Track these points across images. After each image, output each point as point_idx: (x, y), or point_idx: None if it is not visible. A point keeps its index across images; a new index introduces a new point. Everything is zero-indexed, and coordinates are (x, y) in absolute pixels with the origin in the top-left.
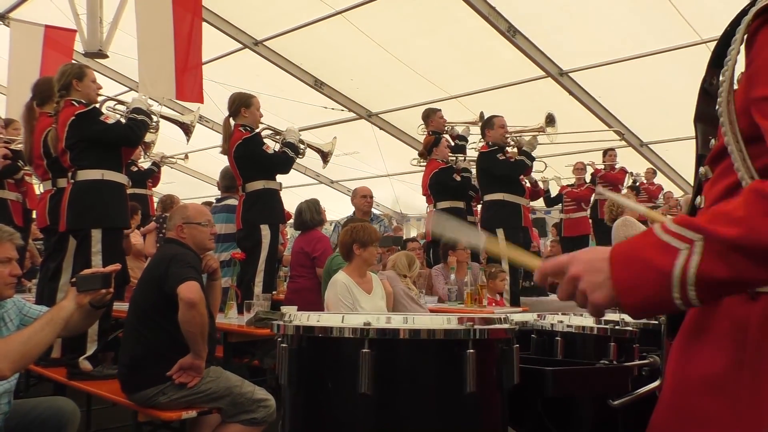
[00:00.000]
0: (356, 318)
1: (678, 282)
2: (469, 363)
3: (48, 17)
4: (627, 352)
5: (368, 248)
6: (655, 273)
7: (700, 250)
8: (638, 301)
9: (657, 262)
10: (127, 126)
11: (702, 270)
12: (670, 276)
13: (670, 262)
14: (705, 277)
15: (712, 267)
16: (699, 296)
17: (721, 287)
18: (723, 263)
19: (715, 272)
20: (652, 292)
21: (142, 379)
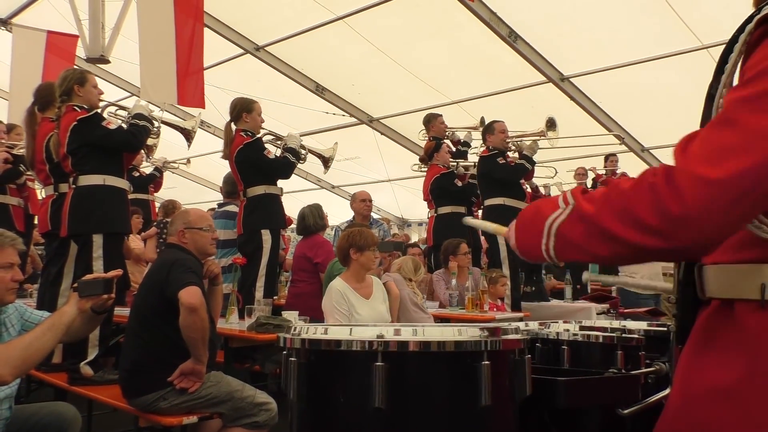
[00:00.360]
0: (366, 330)
1: (547, 230)
2: (483, 375)
3: (50, 23)
4: (634, 360)
5: (365, 253)
6: (539, 219)
7: (568, 212)
8: (522, 239)
9: (543, 209)
10: (128, 132)
11: (562, 226)
12: (544, 223)
13: (549, 212)
14: (563, 233)
15: (569, 228)
16: (556, 248)
17: (572, 248)
18: (576, 228)
19: (569, 233)
20: (533, 235)
21: (143, 384)
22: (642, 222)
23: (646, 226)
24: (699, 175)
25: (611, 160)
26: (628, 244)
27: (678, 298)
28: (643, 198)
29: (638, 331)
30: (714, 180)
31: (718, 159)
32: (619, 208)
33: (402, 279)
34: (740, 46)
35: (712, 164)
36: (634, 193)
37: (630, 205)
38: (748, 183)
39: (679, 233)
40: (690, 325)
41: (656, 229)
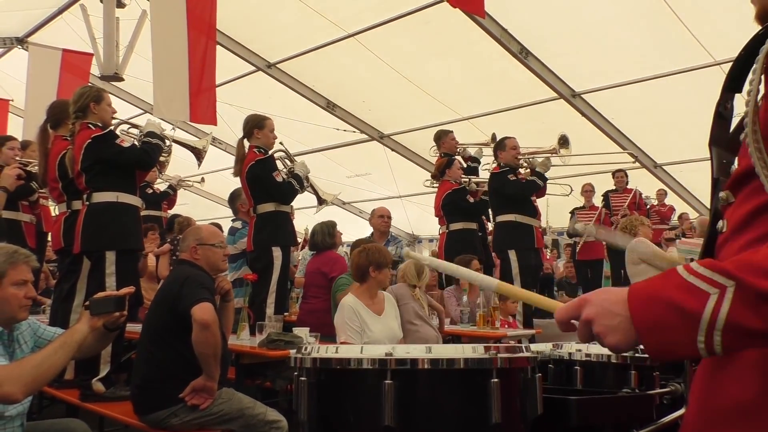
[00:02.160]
0: (376, 349)
1: (706, 326)
2: (493, 393)
3: (65, 41)
4: (648, 380)
5: (383, 270)
6: (682, 315)
7: (731, 297)
8: (661, 342)
9: (684, 304)
10: (142, 150)
11: (732, 317)
12: (699, 319)
13: (699, 305)
14: (734, 324)
15: (743, 315)
16: (724, 343)
17: (748, 337)
18: (754, 313)
19: (746, 321)
20: (677, 334)
21: (154, 400)
22: None
23: None
24: None
25: (619, 176)
26: None
27: None
28: None
29: None
30: None
31: None
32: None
33: (406, 289)
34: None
35: None
36: None
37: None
38: None
39: None
40: None
41: None
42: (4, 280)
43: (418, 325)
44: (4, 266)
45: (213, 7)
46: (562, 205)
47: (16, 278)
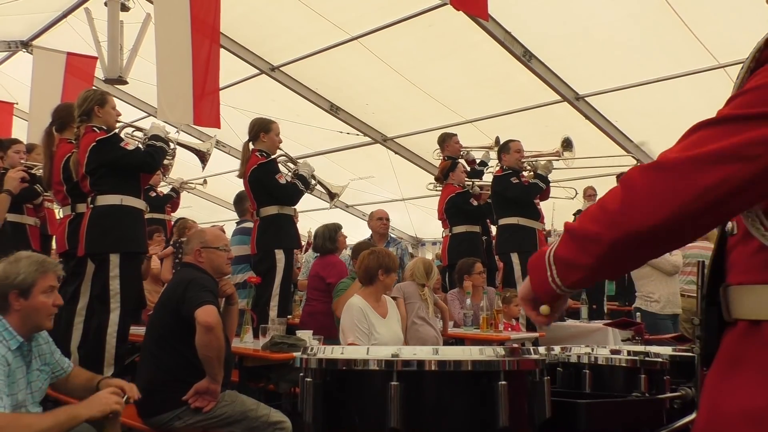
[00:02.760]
0: (381, 350)
1: (547, 262)
2: (500, 395)
3: (70, 44)
4: (658, 385)
5: (391, 275)
6: (540, 254)
7: (559, 239)
8: (535, 281)
9: (543, 249)
10: (146, 153)
11: (556, 252)
12: (544, 256)
13: (548, 247)
14: (557, 257)
15: (561, 250)
16: (559, 275)
17: (568, 268)
18: (566, 247)
19: (561, 253)
20: (540, 271)
21: (158, 403)
22: (607, 210)
23: (608, 214)
24: (661, 162)
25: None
26: (597, 240)
27: (702, 320)
28: (614, 190)
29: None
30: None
31: (683, 150)
32: (594, 207)
33: (415, 288)
34: (749, 62)
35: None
36: (610, 190)
37: (602, 201)
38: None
39: (632, 216)
40: (715, 347)
41: (616, 214)
42: (34, 289)
43: (418, 324)
44: (35, 275)
45: (217, 10)
46: (567, 208)
47: (44, 286)
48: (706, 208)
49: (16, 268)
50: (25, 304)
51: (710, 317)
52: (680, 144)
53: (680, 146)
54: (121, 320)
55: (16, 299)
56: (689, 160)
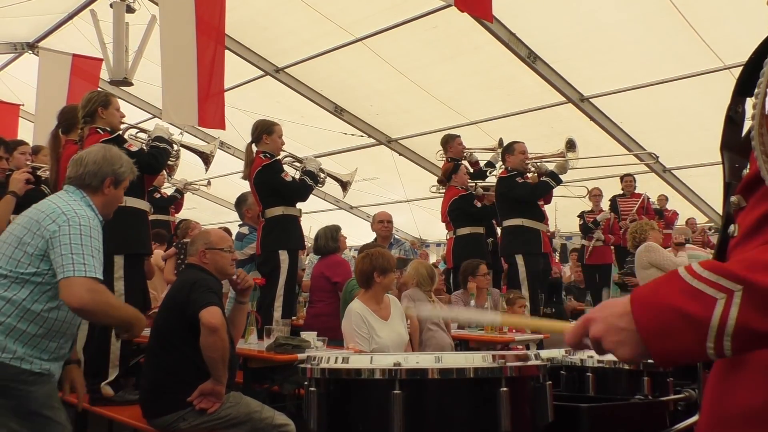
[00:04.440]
0: (385, 359)
1: (715, 333)
2: (502, 401)
3: (75, 46)
4: (661, 387)
5: (388, 275)
6: (689, 322)
7: (739, 301)
8: (669, 350)
9: (691, 310)
10: (150, 154)
11: (741, 321)
12: (707, 326)
13: (706, 312)
14: (744, 328)
15: (753, 318)
16: (734, 347)
17: (759, 339)
18: (763, 314)
19: (755, 323)
20: (685, 341)
21: (162, 404)
22: None
23: None
24: None
25: (627, 181)
26: None
27: None
28: None
29: None
30: None
31: None
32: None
33: (422, 295)
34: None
35: None
36: None
37: None
38: None
39: None
40: None
41: None
42: (123, 183)
43: (433, 330)
44: (129, 173)
45: (222, 12)
46: (570, 209)
47: (126, 185)
48: None
49: (120, 159)
50: (113, 193)
51: None
52: None
53: None
54: None
55: (108, 185)
56: None
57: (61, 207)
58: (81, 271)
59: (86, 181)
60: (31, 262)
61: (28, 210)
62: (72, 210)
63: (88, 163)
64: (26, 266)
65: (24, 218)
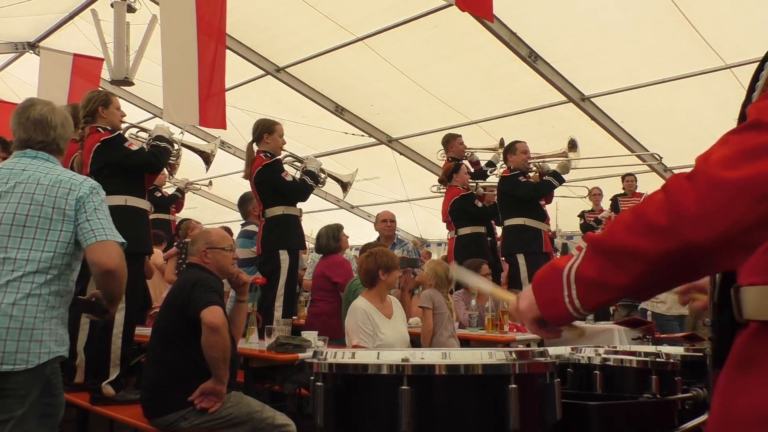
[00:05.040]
0: (392, 354)
1: (565, 281)
2: (511, 399)
3: (76, 46)
4: (669, 385)
5: (392, 273)
6: (555, 273)
7: (582, 254)
8: (544, 298)
9: (558, 263)
10: (150, 153)
11: (579, 270)
12: (561, 274)
13: (565, 262)
14: (581, 274)
15: (585, 267)
16: (579, 296)
17: (593, 288)
18: (592, 264)
19: (587, 272)
20: (553, 290)
21: (163, 404)
22: (651, 223)
23: (654, 226)
24: (714, 175)
25: (628, 180)
26: (640, 255)
27: (714, 321)
28: (655, 200)
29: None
30: (729, 179)
31: (737, 161)
32: (631, 219)
33: (441, 297)
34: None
35: (730, 166)
36: (648, 200)
37: (641, 212)
38: (765, 186)
39: (686, 229)
40: (727, 348)
41: (663, 227)
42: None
43: (453, 340)
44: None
45: (223, 12)
46: (571, 208)
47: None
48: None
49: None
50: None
51: (722, 319)
52: (720, 150)
53: (721, 153)
54: (127, 321)
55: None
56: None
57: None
58: (113, 236)
59: (59, 146)
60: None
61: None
62: (84, 179)
63: (56, 126)
64: (65, 247)
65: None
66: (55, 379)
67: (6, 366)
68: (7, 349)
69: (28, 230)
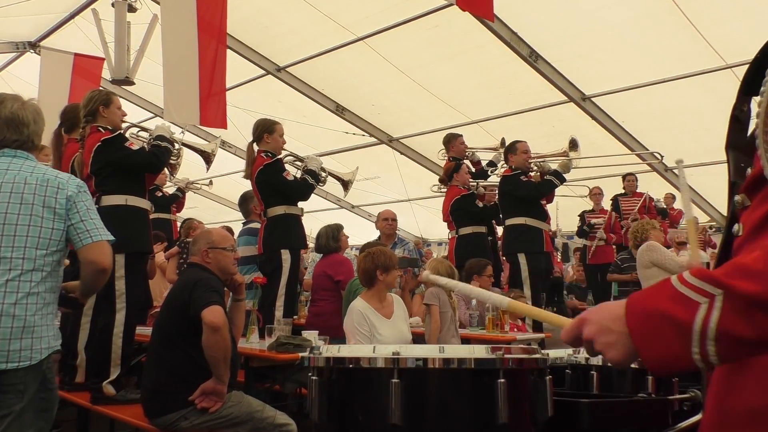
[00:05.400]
0: (387, 348)
1: (698, 337)
2: (500, 393)
3: (77, 46)
4: (666, 386)
5: (391, 272)
6: (674, 326)
7: (720, 305)
8: (657, 355)
9: (676, 315)
10: (151, 153)
11: (722, 326)
12: (690, 330)
13: (690, 316)
14: (725, 333)
15: (733, 323)
16: (719, 353)
17: (742, 345)
18: (744, 320)
19: (736, 329)
20: (672, 346)
21: (164, 403)
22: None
23: None
24: None
25: (629, 180)
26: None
27: None
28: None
29: None
30: None
31: None
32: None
33: (446, 296)
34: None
35: None
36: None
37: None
38: None
39: None
40: None
41: None
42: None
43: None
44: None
45: (223, 11)
46: (572, 208)
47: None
48: None
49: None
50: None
51: None
52: None
53: None
54: (127, 320)
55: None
56: None
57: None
58: (106, 236)
59: (35, 142)
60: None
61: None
62: (69, 177)
63: (29, 123)
64: (57, 244)
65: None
66: (50, 374)
67: (11, 364)
68: (12, 347)
69: (21, 229)
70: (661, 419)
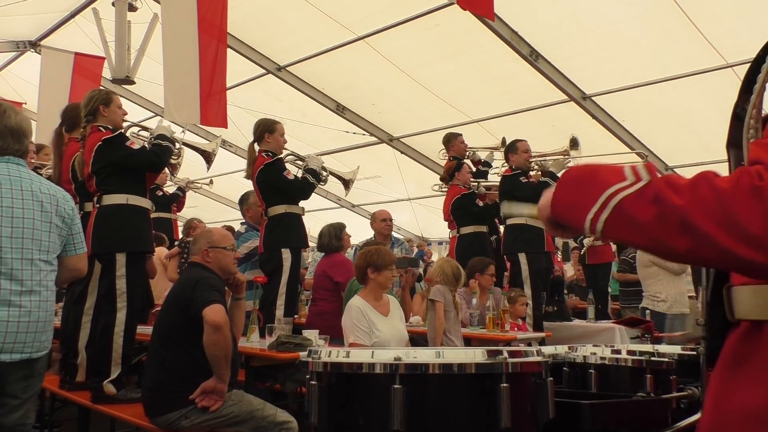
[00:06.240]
0: (386, 353)
1: (604, 198)
2: (502, 397)
3: (78, 45)
4: (664, 384)
5: (383, 272)
6: (594, 181)
7: (639, 187)
8: (563, 195)
9: (602, 175)
10: (151, 152)
11: (627, 201)
12: (603, 190)
13: (611, 181)
14: (625, 208)
15: (636, 205)
16: (608, 221)
17: (631, 228)
18: (646, 209)
19: (635, 210)
20: (578, 194)
21: (165, 402)
22: (743, 230)
23: (747, 234)
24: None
25: None
26: (718, 249)
27: (706, 320)
28: (747, 203)
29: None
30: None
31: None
32: (716, 209)
33: (450, 295)
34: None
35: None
36: (735, 196)
37: (731, 209)
38: None
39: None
40: (719, 348)
41: (758, 240)
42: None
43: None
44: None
45: (224, 11)
46: None
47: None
48: None
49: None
50: None
51: (714, 318)
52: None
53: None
54: (128, 319)
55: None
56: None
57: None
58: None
59: (27, 152)
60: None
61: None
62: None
63: (29, 134)
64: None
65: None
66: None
67: (43, 352)
68: (43, 338)
69: (44, 234)
70: (660, 419)
